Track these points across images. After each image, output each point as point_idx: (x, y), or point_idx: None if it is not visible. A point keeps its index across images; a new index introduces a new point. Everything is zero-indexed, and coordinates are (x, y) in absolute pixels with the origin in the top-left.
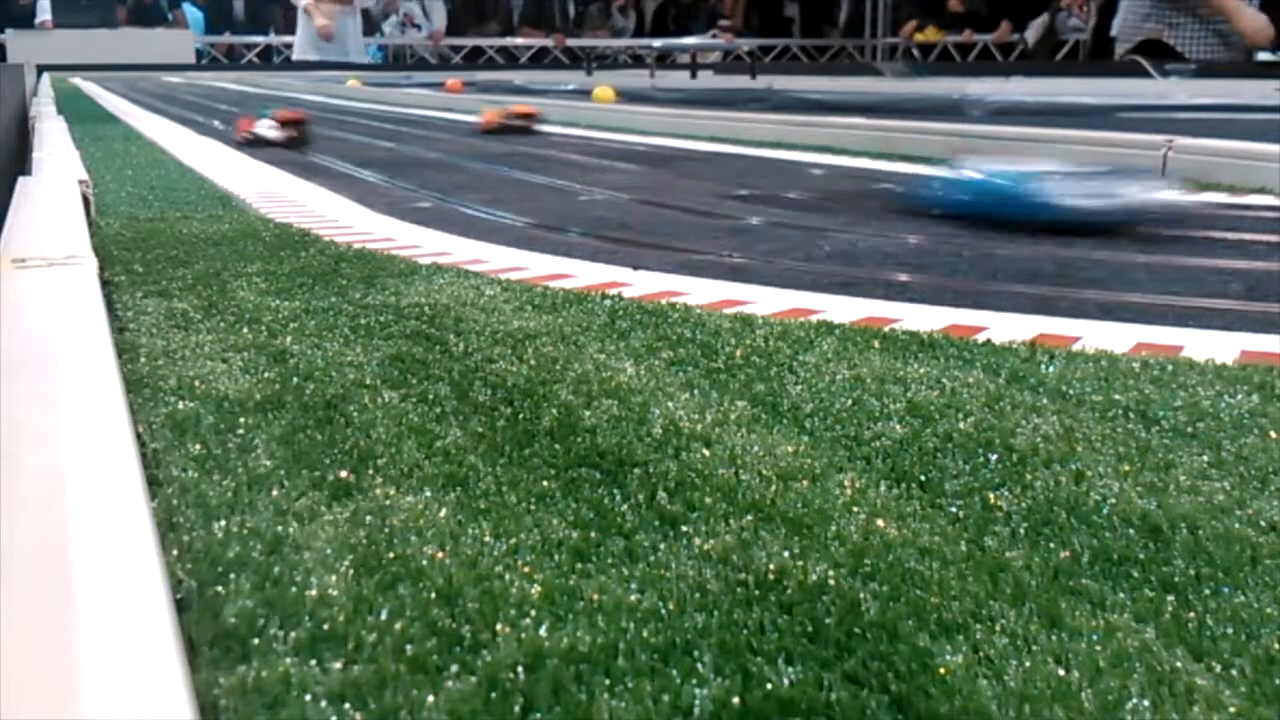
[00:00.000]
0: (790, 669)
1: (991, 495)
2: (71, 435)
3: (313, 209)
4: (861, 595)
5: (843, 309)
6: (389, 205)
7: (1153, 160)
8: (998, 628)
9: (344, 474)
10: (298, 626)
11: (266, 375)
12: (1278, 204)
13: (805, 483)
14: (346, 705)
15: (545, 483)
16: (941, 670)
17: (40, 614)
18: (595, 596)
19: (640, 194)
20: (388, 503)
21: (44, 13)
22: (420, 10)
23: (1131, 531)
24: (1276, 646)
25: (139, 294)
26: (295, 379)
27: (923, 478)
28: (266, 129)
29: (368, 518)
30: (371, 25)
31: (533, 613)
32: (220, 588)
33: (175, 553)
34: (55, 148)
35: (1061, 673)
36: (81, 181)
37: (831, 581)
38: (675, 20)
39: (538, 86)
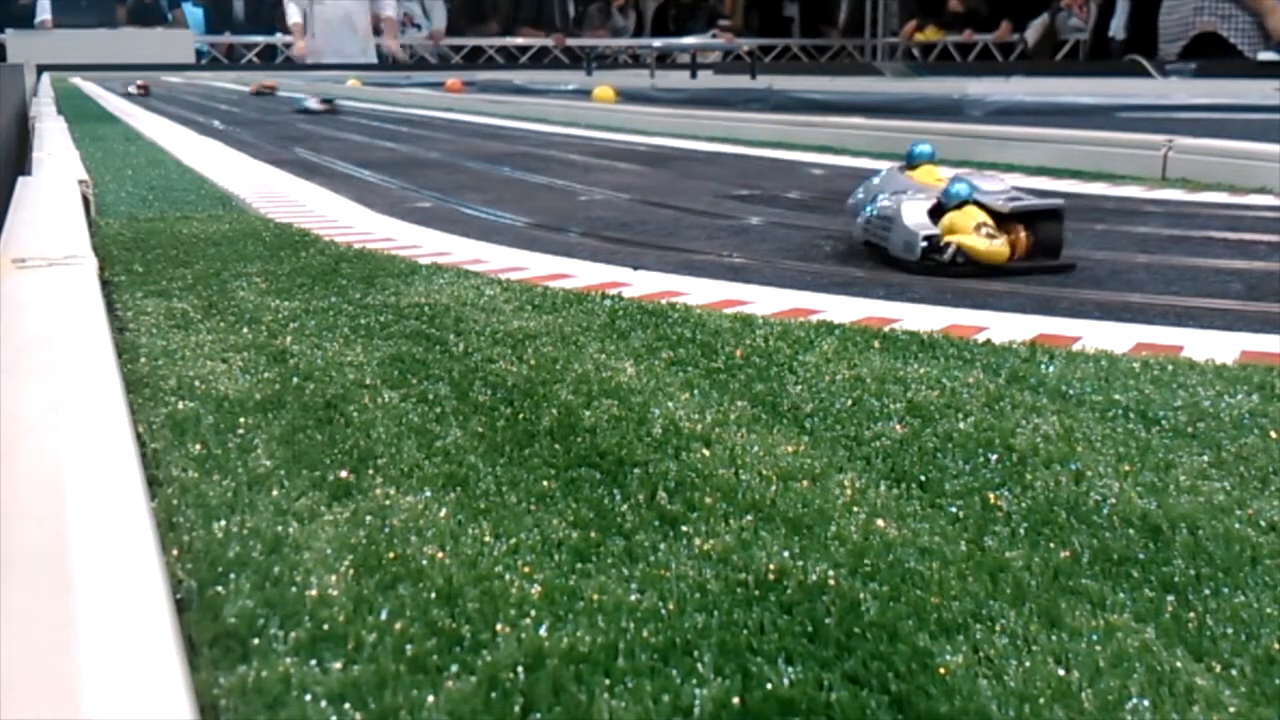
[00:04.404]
0: (790, 669)
1: (991, 495)
2: (71, 435)
3: (313, 209)
4: (861, 595)
5: (843, 309)
6: (389, 205)
7: (1153, 160)
8: (998, 628)
9: (344, 474)
10: (298, 626)
11: (266, 375)
12: (1278, 204)
13: (805, 483)
14: (346, 705)
15: (545, 483)
16: (941, 670)
17: (40, 614)
18: (595, 596)
19: (640, 194)
20: (388, 503)
21: (44, 12)
22: (420, 10)
23: (1131, 531)
24: (1276, 646)
25: (139, 294)
26: (295, 379)
27: (923, 478)
28: None
29: (368, 518)
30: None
31: (533, 613)
32: (220, 588)
33: (175, 553)
34: (55, 148)
35: (1061, 673)
36: (81, 181)
37: (831, 581)
38: (675, 20)
39: (538, 86)
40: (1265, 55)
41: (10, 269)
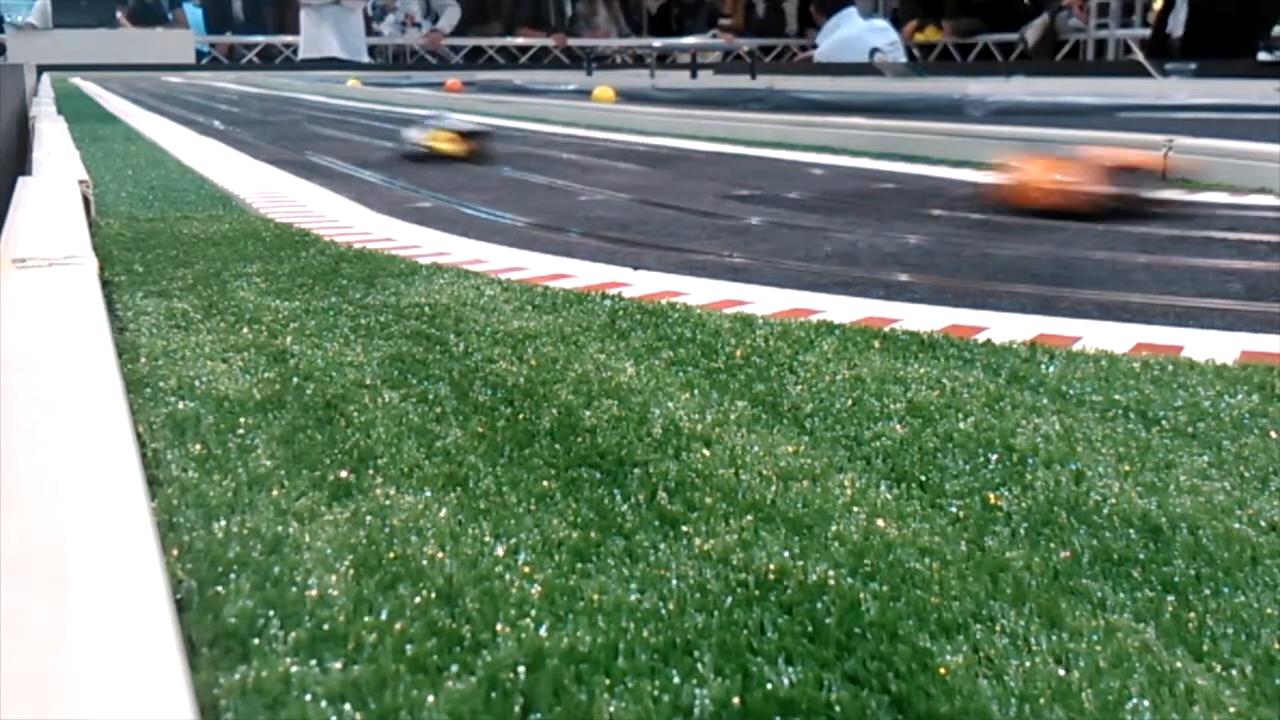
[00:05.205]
0: (790, 669)
1: (991, 495)
2: (71, 435)
3: (313, 209)
4: (861, 595)
5: (843, 309)
6: (389, 205)
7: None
8: (998, 628)
9: (344, 474)
10: (298, 626)
11: (266, 375)
12: (1278, 204)
13: (805, 483)
14: (346, 705)
15: (545, 483)
16: (941, 670)
17: (40, 613)
18: (595, 596)
19: (640, 194)
20: (388, 503)
21: (31, 15)
22: (419, 9)
23: (1131, 531)
24: (1276, 646)
25: (139, 294)
26: (295, 379)
27: (923, 478)
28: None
29: (368, 518)
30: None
31: (533, 613)
32: (220, 588)
33: (175, 553)
34: (55, 148)
35: (1061, 673)
36: (81, 181)
37: (831, 581)
38: (676, 20)
39: (538, 86)
40: (1265, 55)
41: (10, 269)
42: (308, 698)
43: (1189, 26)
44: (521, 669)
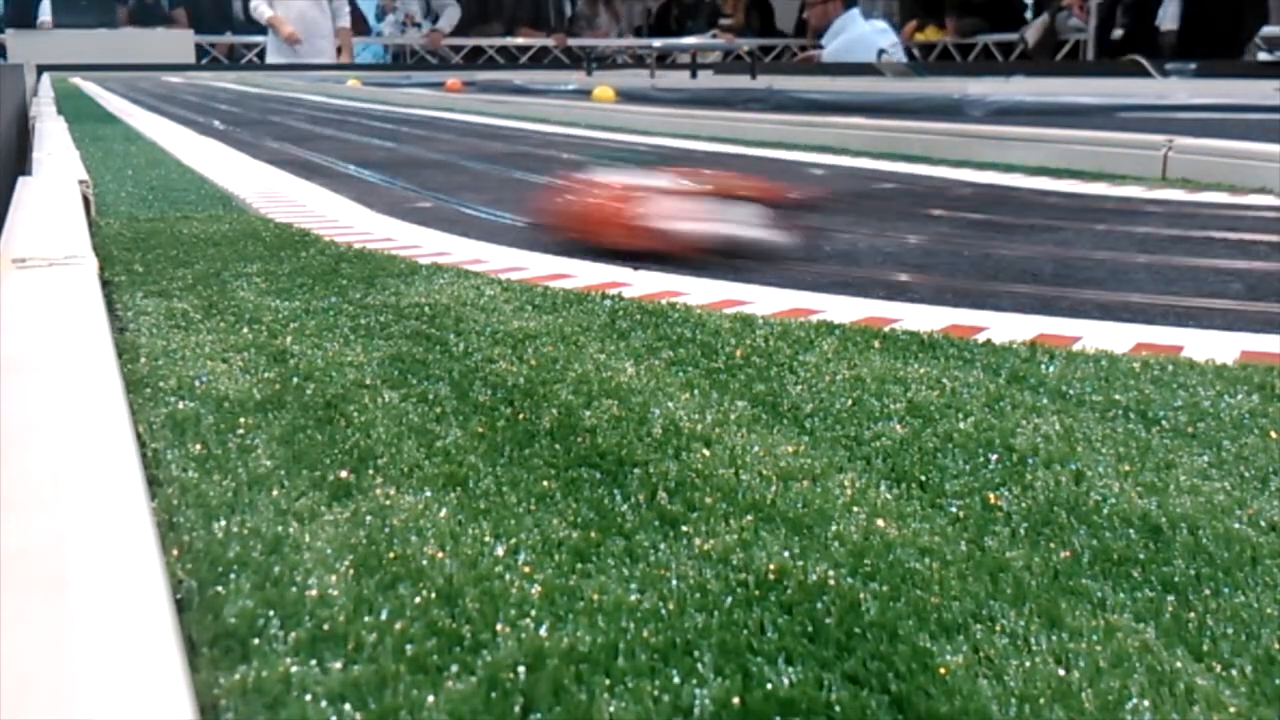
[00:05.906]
0: (790, 669)
1: (991, 495)
2: (71, 435)
3: (313, 209)
4: (861, 595)
5: (843, 309)
6: (389, 205)
7: (1153, 160)
8: (998, 628)
9: (344, 474)
10: (298, 626)
11: (266, 375)
12: (1278, 204)
13: (805, 483)
14: (346, 705)
15: (545, 483)
16: (941, 670)
17: (40, 614)
18: (595, 596)
19: None
20: (388, 503)
21: (45, 13)
22: (419, 9)
23: (1131, 531)
24: (1276, 646)
25: (139, 294)
26: (295, 379)
27: (923, 478)
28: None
29: (368, 518)
30: (364, 23)
31: (533, 613)
32: (220, 588)
33: (175, 553)
34: (55, 148)
35: (1061, 673)
36: (81, 181)
37: (831, 581)
38: (676, 20)
39: (538, 86)
40: (1265, 55)
41: (10, 269)
42: (308, 698)
43: (1183, 24)
44: (521, 669)
